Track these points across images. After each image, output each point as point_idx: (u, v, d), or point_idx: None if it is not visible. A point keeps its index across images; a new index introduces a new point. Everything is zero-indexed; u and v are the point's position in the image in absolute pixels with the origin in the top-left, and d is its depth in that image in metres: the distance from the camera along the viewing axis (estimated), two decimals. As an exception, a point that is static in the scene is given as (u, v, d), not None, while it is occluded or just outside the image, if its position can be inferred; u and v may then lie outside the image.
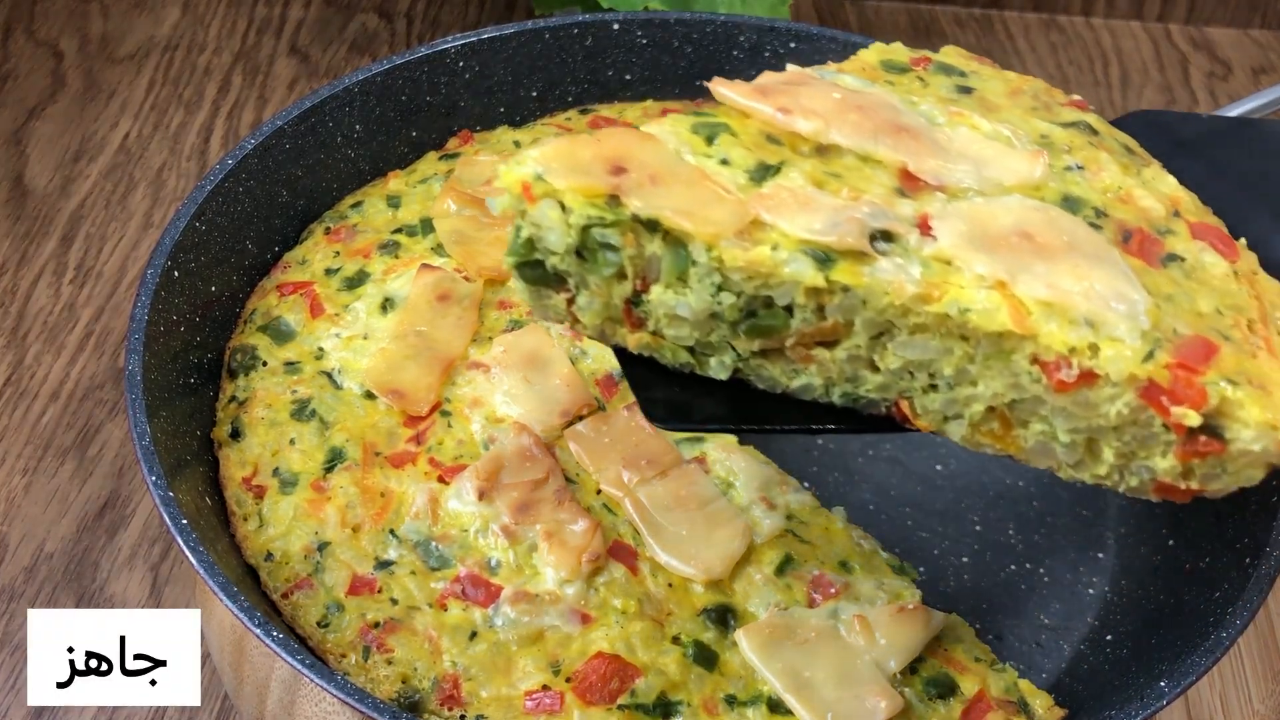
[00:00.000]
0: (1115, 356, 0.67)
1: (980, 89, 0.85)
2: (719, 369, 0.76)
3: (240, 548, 0.90)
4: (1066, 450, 0.73)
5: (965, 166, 0.76)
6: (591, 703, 0.81)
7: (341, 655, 0.84)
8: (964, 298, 0.69)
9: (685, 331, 0.74)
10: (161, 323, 0.93)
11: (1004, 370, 0.70)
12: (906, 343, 0.72)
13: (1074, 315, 0.68)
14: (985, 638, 0.96)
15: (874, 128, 0.77)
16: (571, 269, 0.74)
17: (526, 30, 1.17)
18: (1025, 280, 0.69)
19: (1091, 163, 0.79)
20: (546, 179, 0.71)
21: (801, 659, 0.85)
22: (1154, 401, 0.68)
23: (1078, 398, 0.69)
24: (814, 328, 0.72)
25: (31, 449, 1.15)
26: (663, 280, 0.72)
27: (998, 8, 1.73)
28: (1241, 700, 1.05)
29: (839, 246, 0.70)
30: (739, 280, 0.71)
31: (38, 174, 1.40)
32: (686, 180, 0.72)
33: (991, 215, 0.73)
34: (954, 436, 0.75)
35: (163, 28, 1.59)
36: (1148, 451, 0.71)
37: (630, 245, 0.72)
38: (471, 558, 0.87)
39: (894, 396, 0.75)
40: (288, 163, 1.08)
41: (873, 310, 0.70)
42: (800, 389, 0.76)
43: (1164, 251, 0.75)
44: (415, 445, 0.93)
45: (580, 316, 0.76)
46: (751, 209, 0.71)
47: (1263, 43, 1.72)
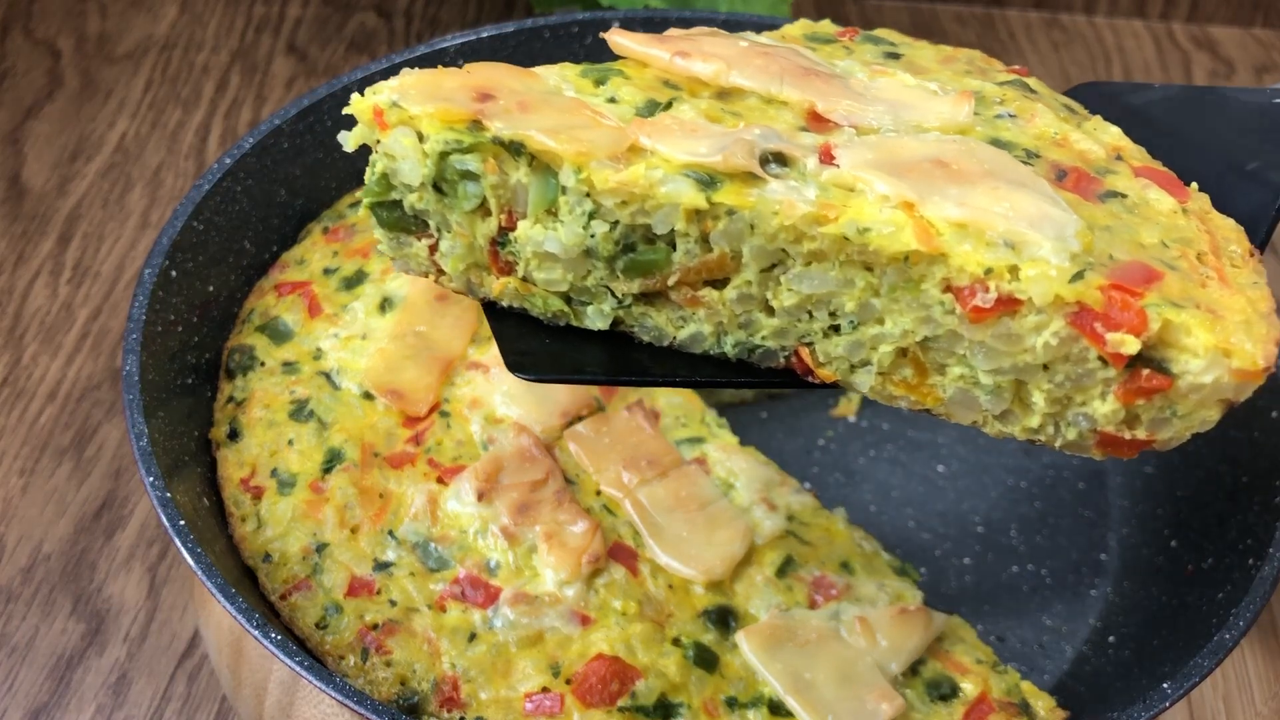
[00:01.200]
0: (1039, 277, 0.59)
1: (909, 55, 0.78)
2: (597, 318, 0.69)
3: (238, 549, 0.90)
4: (991, 398, 0.64)
5: (881, 108, 0.69)
6: (591, 704, 0.81)
7: (340, 657, 0.84)
8: (864, 216, 0.61)
9: (558, 274, 0.67)
10: (159, 323, 0.93)
11: (913, 302, 0.63)
12: (802, 275, 0.64)
13: (991, 236, 0.60)
14: (987, 639, 0.96)
15: (780, 70, 0.70)
16: (431, 207, 0.67)
17: (526, 28, 1.17)
18: (935, 201, 0.62)
19: (1025, 112, 0.72)
20: (402, 105, 0.65)
21: (802, 660, 0.84)
22: (1086, 329, 0.60)
23: (999, 329, 0.61)
24: (699, 262, 0.65)
25: (29, 449, 1.15)
26: (530, 213, 0.66)
27: (999, 6, 1.72)
28: (1244, 702, 1.04)
29: (724, 168, 0.63)
30: (612, 207, 0.64)
31: (35, 173, 1.39)
32: (561, 108, 0.66)
33: (903, 146, 0.65)
34: (862, 388, 0.67)
35: (160, 26, 1.58)
36: (1084, 395, 0.63)
37: (493, 173, 0.65)
38: (471, 559, 0.87)
39: (793, 343, 0.68)
40: (286, 162, 1.07)
41: (762, 236, 0.63)
42: (689, 339, 0.69)
43: (1103, 188, 0.67)
44: (414, 446, 0.93)
45: (443, 265, 0.69)
46: (631, 134, 0.64)
47: (1265, 41, 1.71)
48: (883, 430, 1.12)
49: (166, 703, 0.99)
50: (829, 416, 1.13)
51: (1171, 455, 1.07)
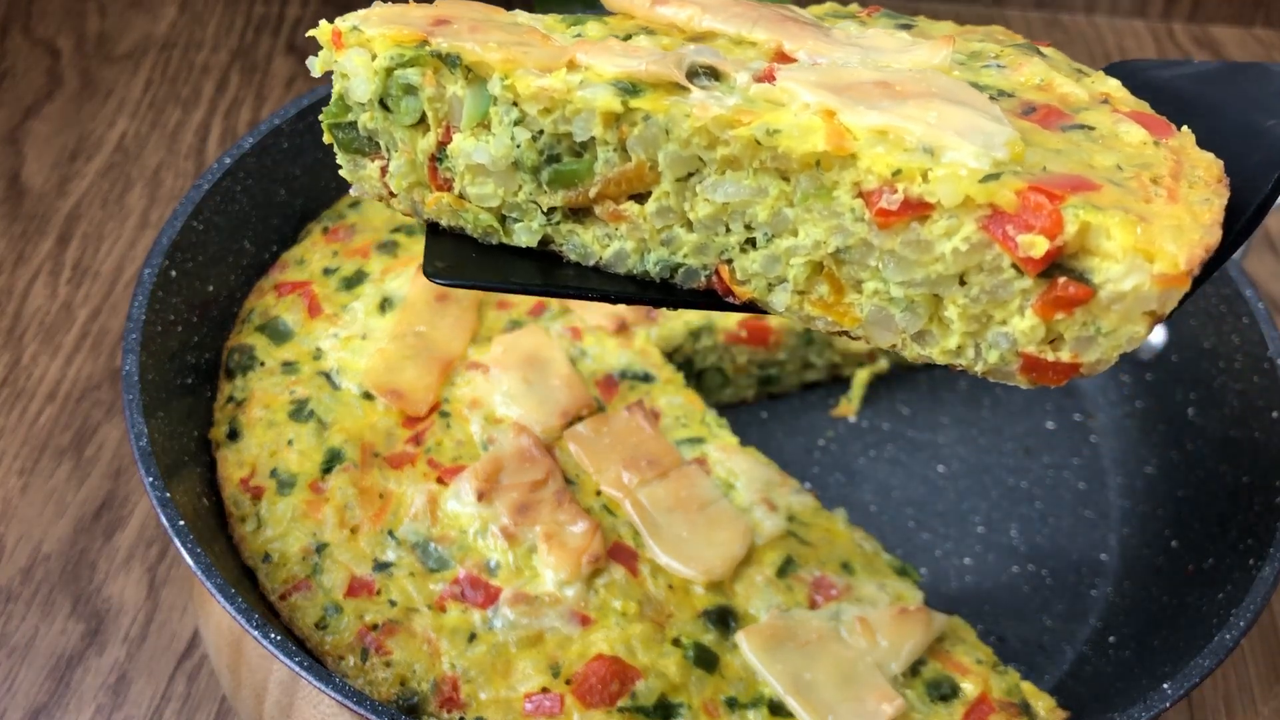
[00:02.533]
0: (949, 177, 0.57)
1: (923, 27, 0.76)
2: (525, 234, 0.72)
3: (238, 549, 0.90)
4: (906, 315, 0.63)
5: (852, 51, 0.68)
6: (591, 705, 0.81)
7: (340, 657, 0.83)
8: (775, 119, 0.61)
9: (489, 189, 0.70)
10: (159, 322, 0.93)
11: (825, 210, 0.62)
12: (716, 184, 0.65)
13: (909, 142, 0.59)
14: (987, 639, 0.96)
15: (756, 17, 0.70)
16: (380, 126, 0.71)
17: (526, 28, 1.17)
18: (859, 111, 0.60)
19: (1015, 64, 0.70)
20: (361, 28, 0.69)
21: (803, 661, 0.84)
22: (997, 233, 0.57)
23: (908, 236, 0.60)
24: (619, 171, 0.67)
25: (28, 449, 1.15)
26: (464, 126, 0.69)
27: (1000, 6, 1.72)
28: (1245, 702, 1.04)
29: (648, 78, 0.64)
30: (535, 115, 0.66)
31: (34, 173, 1.39)
32: (512, 32, 0.69)
33: (853, 72, 0.64)
34: (779, 307, 0.67)
35: (160, 26, 1.58)
36: (1002, 311, 0.60)
37: (430, 84, 0.68)
38: (470, 559, 0.87)
39: (713, 261, 0.68)
40: (285, 162, 1.07)
41: (676, 141, 0.64)
42: (614, 258, 0.71)
43: (1070, 122, 0.65)
44: (414, 446, 0.93)
45: (391, 185, 0.73)
46: (569, 52, 0.66)
47: (1266, 41, 1.71)
48: (883, 430, 1.12)
49: (166, 703, 0.99)
50: (829, 416, 1.13)
51: (1172, 455, 1.07)
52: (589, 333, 1.01)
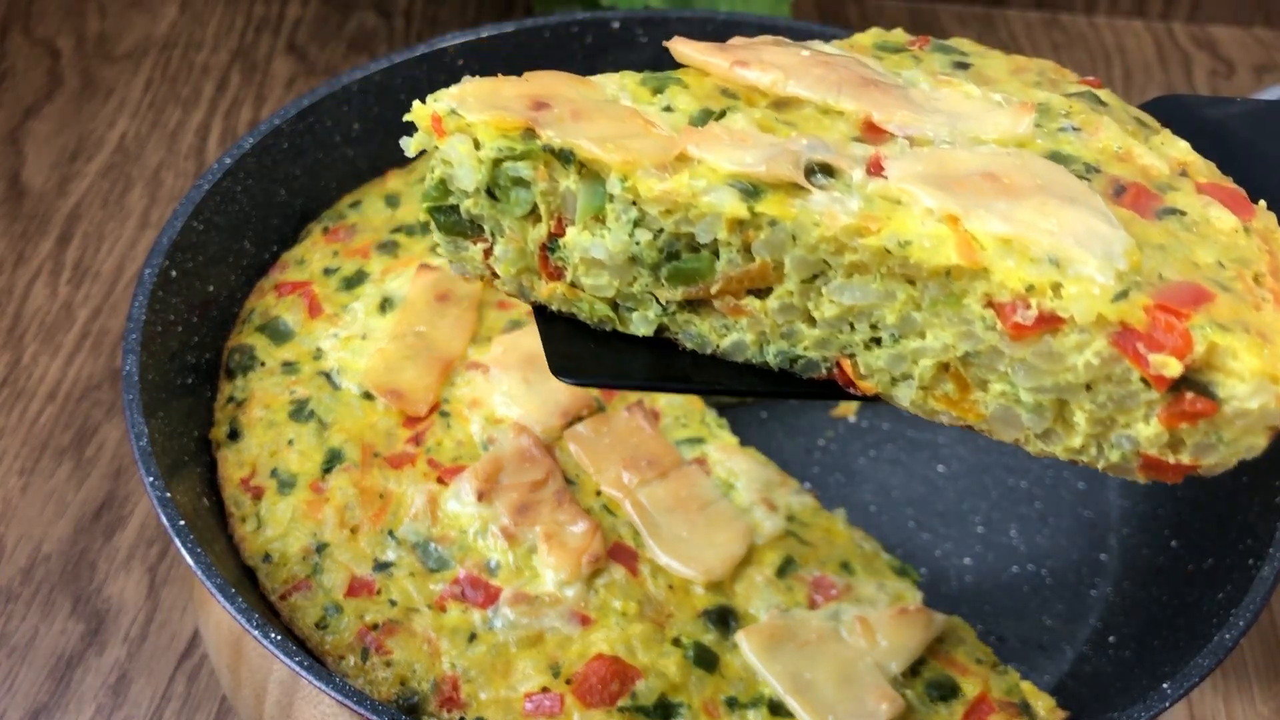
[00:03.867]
0: (1081, 294, 0.58)
1: (979, 65, 0.77)
2: (641, 324, 0.70)
3: (238, 549, 0.90)
4: (1033, 416, 0.64)
5: (939, 119, 0.68)
6: (591, 705, 0.81)
7: (340, 657, 0.84)
8: (905, 229, 0.61)
9: (604, 280, 0.69)
10: (159, 323, 0.93)
11: (955, 317, 0.62)
12: (843, 286, 0.64)
13: (1036, 252, 0.59)
14: (987, 639, 0.96)
15: (839, 80, 0.69)
16: (485, 212, 0.69)
17: (525, 28, 1.17)
18: (981, 215, 0.61)
19: (1090, 125, 0.71)
20: (460, 113, 0.67)
21: (802, 661, 0.84)
22: (1129, 350, 0.58)
23: (1039, 348, 0.60)
24: (741, 270, 0.66)
25: (29, 449, 1.15)
26: (578, 220, 0.67)
27: (1000, 6, 1.72)
28: (1244, 702, 1.04)
29: (768, 178, 0.63)
30: (657, 215, 0.65)
31: (34, 173, 1.39)
32: (613, 116, 0.67)
33: (955, 158, 0.65)
34: (903, 401, 0.67)
35: (160, 26, 1.58)
36: (1127, 416, 0.61)
37: (543, 179, 0.66)
38: (470, 559, 0.87)
39: (834, 354, 0.68)
40: (286, 162, 1.07)
41: (803, 247, 0.63)
42: (732, 348, 0.69)
43: (1162, 205, 0.65)
44: (414, 446, 0.93)
45: (497, 269, 0.71)
46: (679, 143, 0.65)
47: (1266, 41, 1.71)
48: (883, 430, 1.12)
49: (166, 703, 0.99)
50: (829, 416, 1.13)
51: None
52: (589, 333, 1.01)
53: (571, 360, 0.71)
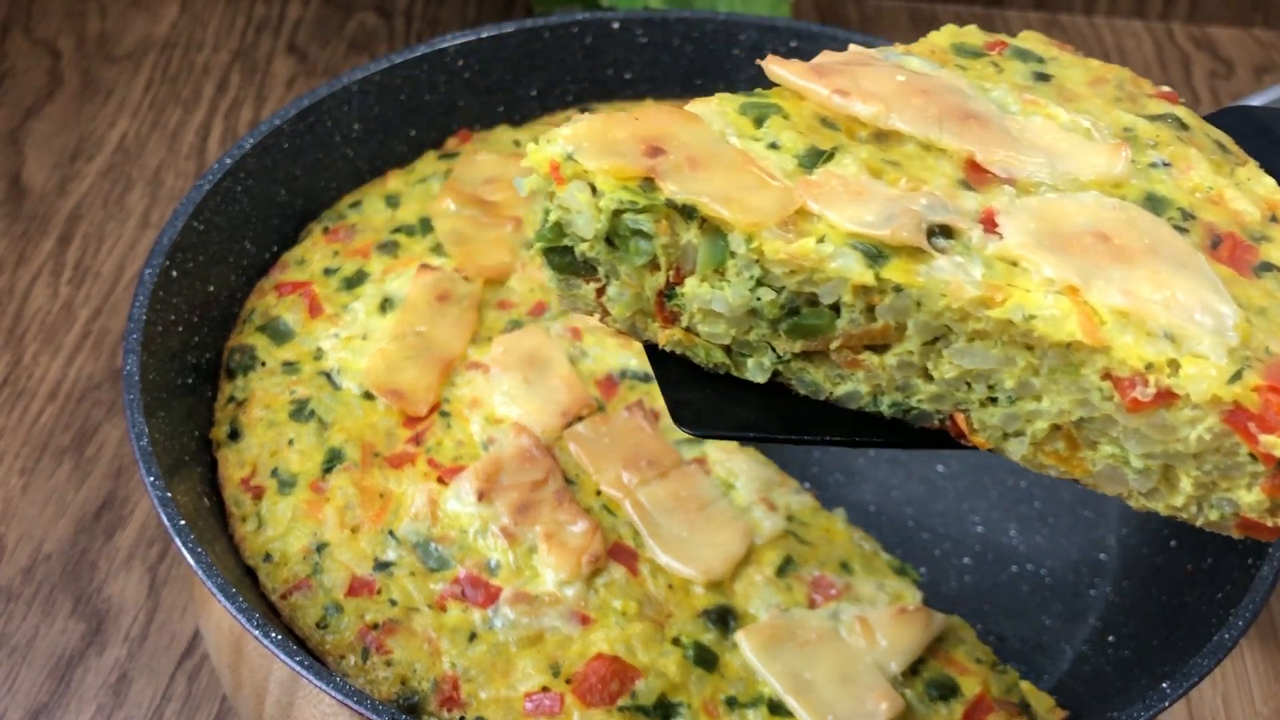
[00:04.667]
0: (1198, 375, 0.60)
1: (1059, 76, 0.78)
2: (757, 371, 0.70)
3: (239, 549, 0.90)
4: (1139, 477, 0.66)
5: (1038, 159, 0.70)
6: (591, 704, 0.81)
7: (340, 656, 0.84)
8: (1030, 303, 0.63)
9: (721, 329, 0.68)
10: (159, 323, 0.93)
11: (1072, 385, 0.64)
12: (964, 350, 0.65)
13: (1152, 327, 0.61)
14: (987, 639, 0.96)
15: (939, 113, 0.71)
16: (601, 257, 0.68)
17: (525, 29, 1.17)
18: (1099, 286, 0.63)
19: (1180, 159, 0.72)
20: (577, 159, 0.66)
21: (802, 660, 0.84)
22: (1240, 428, 0.61)
23: (1154, 419, 0.62)
24: (862, 330, 0.66)
25: (29, 449, 1.15)
26: (698, 272, 0.67)
27: (999, 6, 1.72)
28: (1244, 701, 1.04)
29: (892, 241, 0.64)
30: (780, 275, 0.65)
31: (35, 173, 1.39)
32: (728, 164, 0.67)
33: (1064, 212, 0.67)
34: (1014, 455, 0.68)
35: (161, 26, 1.58)
36: (1230, 482, 0.64)
37: (664, 233, 0.66)
38: (471, 559, 0.87)
39: (949, 409, 0.69)
40: (286, 162, 1.07)
41: (928, 313, 0.64)
42: (845, 396, 0.70)
43: (1257, 259, 0.68)
44: (414, 446, 0.93)
45: (610, 308, 0.71)
46: (798, 197, 0.65)
47: (1265, 42, 1.71)
48: (882, 430, 1.12)
49: (166, 703, 0.99)
50: (829, 416, 1.13)
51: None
52: (589, 333, 1.01)
53: (695, 414, 0.71)
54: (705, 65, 1.22)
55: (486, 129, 1.19)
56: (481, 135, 1.18)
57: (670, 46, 1.21)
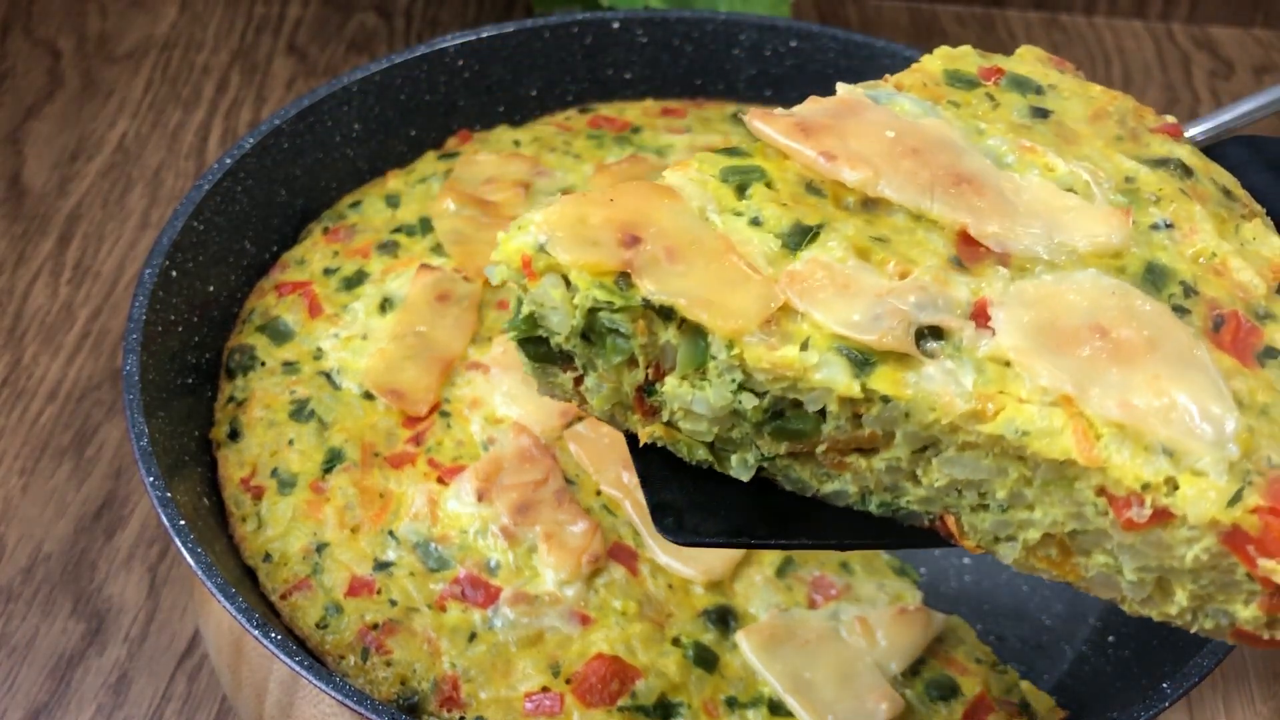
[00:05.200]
0: (1197, 497, 0.58)
1: (1059, 111, 0.75)
2: (741, 468, 0.67)
3: (238, 549, 0.90)
4: (1133, 587, 0.64)
5: (1035, 229, 0.67)
6: (591, 704, 0.81)
7: (340, 656, 0.84)
8: (1022, 417, 0.60)
9: (704, 427, 0.65)
10: (159, 323, 0.93)
11: (1065, 499, 0.62)
12: (954, 459, 0.63)
13: (1150, 441, 0.59)
14: (987, 639, 0.96)
15: (930, 178, 0.68)
16: (578, 350, 0.66)
17: (526, 29, 1.17)
18: (1095, 395, 0.60)
19: (1183, 220, 0.69)
20: (550, 251, 0.62)
21: (802, 660, 0.84)
22: (1239, 550, 0.59)
23: (1149, 537, 0.60)
24: (849, 436, 0.64)
25: (29, 449, 1.15)
26: (678, 371, 0.64)
27: (999, 6, 1.72)
28: (1244, 701, 1.04)
29: (879, 347, 0.61)
30: (764, 380, 0.62)
31: (35, 173, 1.39)
32: (708, 254, 0.63)
33: (1061, 301, 0.64)
34: (1005, 559, 0.66)
35: (160, 26, 1.58)
36: (1227, 597, 0.62)
37: (642, 333, 0.63)
38: (471, 559, 0.87)
39: (938, 511, 0.67)
40: (286, 162, 1.07)
41: (916, 424, 0.62)
42: (833, 494, 0.68)
43: (1261, 344, 0.65)
44: (414, 446, 0.93)
45: (588, 398, 0.68)
46: (781, 293, 0.62)
47: (1265, 42, 1.71)
48: (882, 430, 1.12)
49: (166, 703, 0.99)
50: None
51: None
52: (589, 333, 1.01)
53: (675, 514, 0.68)
54: (705, 65, 1.22)
55: (486, 129, 1.19)
56: (481, 135, 1.18)
57: (670, 46, 1.21)
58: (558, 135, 1.15)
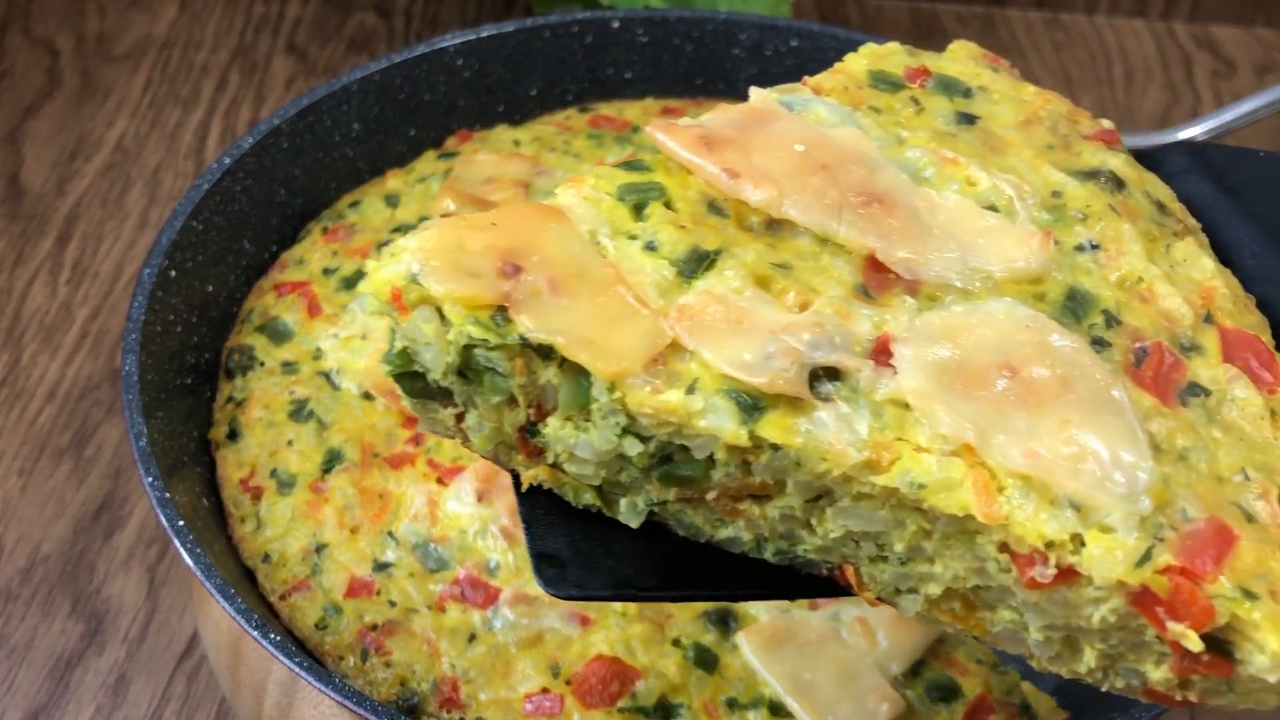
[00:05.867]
0: (1103, 557, 0.54)
1: (987, 117, 0.71)
2: (630, 513, 0.64)
3: (238, 549, 0.90)
4: (1040, 645, 0.61)
5: (949, 254, 0.63)
6: (591, 705, 0.81)
7: (339, 657, 0.83)
8: (919, 468, 0.56)
9: (589, 470, 0.62)
10: (158, 323, 0.93)
11: (966, 553, 0.58)
12: (849, 510, 0.59)
13: (1056, 494, 0.55)
14: (988, 640, 0.96)
15: (839, 197, 0.63)
16: (455, 387, 0.62)
17: (525, 28, 1.17)
18: (999, 444, 0.56)
19: (1110, 240, 0.66)
20: (421, 282, 0.58)
21: (803, 661, 0.84)
22: (1148, 612, 0.55)
23: (1054, 596, 0.57)
24: (740, 483, 0.60)
25: (28, 450, 1.15)
26: (560, 412, 0.60)
27: (1000, 6, 1.72)
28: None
29: (770, 390, 0.57)
30: (648, 425, 0.58)
31: (34, 173, 1.39)
32: (594, 286, 0.59)
33: (970, 336, 0.59)
34: (907, 612, 0.63)
35: (159, 26, 1.58)
36: (1138, 657, 0.59)
37: (520, 372, 0.59)
38: (470, 559, 0.87)
39: (836, 560, 0.63)
40: (285, 162, 1.07)
41: (808, 474, 0.58)
42: (727, 541, 0.64)
43: (1184, 380, 0.61)
44: (414, 446, 0.93)
45: (470, 436, 0.64)
46: (670, 329, 0.58)
47: (1267, 41, 1.71)
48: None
49: (165, 703, 0.99)
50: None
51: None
52: (589, 333, 1.01)
53: (558, 565, 0.64)
54: (705, 65, 1.22)
55: (486, 128, 1.19)
56: (481, 135, 1.18)
57: (671, 46, 1.21)
58: (558, 135, 1.15)
